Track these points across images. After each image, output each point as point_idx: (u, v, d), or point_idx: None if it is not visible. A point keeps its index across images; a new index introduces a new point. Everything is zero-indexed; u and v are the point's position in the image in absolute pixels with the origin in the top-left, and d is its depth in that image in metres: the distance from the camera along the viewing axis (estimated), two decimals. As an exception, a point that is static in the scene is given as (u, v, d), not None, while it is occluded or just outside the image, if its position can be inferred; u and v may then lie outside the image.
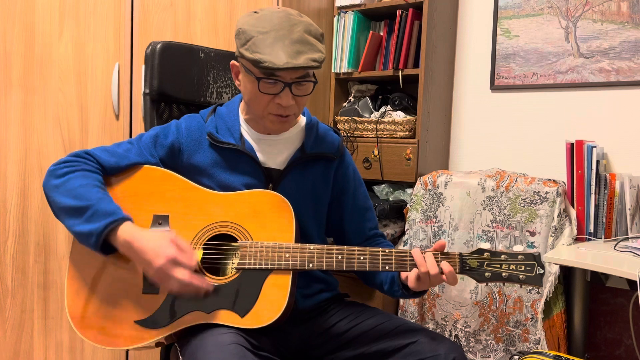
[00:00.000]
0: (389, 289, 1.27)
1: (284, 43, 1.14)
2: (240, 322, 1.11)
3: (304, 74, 1.18)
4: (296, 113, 1.24)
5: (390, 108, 2.31)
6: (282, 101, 1.18)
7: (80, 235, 1.13)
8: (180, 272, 1.07)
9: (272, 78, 1.16)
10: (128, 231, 1.11)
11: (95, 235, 1.10)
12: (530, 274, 1.12)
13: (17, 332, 2.10)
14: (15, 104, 2.06)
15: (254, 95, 1.20)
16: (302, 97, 1.21)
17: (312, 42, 1.17)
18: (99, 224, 1.10)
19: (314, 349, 1.27)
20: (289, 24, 1.16)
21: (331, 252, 1.16)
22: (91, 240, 1.11)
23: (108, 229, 1.10)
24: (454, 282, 1.13)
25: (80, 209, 1.12)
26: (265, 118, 1.23)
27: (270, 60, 1.12)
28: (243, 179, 1.26)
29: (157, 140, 1.28)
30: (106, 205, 1.13)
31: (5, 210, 2.07)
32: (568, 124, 2.16)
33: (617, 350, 2.08)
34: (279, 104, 1.18)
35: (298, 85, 1.19)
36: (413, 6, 2.25)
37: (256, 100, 1.21)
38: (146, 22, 2.09)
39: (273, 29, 1.15)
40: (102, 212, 1.11)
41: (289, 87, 1.17)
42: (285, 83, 1.16)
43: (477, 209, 1.97)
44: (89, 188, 1.15)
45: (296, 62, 1.13)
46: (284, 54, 1.13)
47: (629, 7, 2.02)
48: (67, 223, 1.15)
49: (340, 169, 1.37)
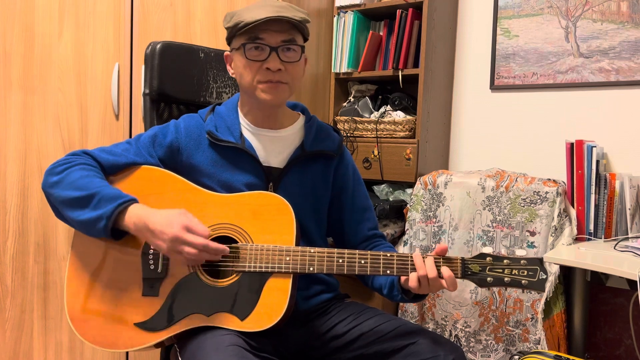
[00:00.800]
0: (388, 293, 1.27)
1: (265, 8, 1.18)
2: (240, 325, 1.11)
3: (289, 38, 1.20)
4: (288, 82, 1.23)
5: (390, 108, 2.31)
6: (270, 64, 1.19)
7: (88, 222, 1.12)
8: (195, 237, 1.07)
9: (256, 42, 1.18)
10: (138, 209, 1.12)
11: (105, 218, 1.10)
12: (532, 279, 1.10)
13: (16, 332, 2.10)
14: (15, 104, 2.06)
15: (243, 67, 1.22)
16: (292, 64, 1.22)
17: (295, 8, 1.21)
18: (108, 207, 1.11)
19: (313, 350, 1.27)
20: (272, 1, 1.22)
21: (332, 255, 1.15)
22: (100, 224, 1.11)
23: (118, 210, 1.11)
24: (453, 287, 1.11)
25: (86, 197, 1.12)
26: (257, 89, 1.22)
27: (250, 16, 1.16)
28: (243, 177, 1.26)
29: (156, 140, 1.27)
30: (111, 190, 1.14)
31: (5, 210, 2.07)
32: (568, 124, 2.16)
33: (617, 350, 2.08)
34: (268, 69, 1.19)
35: (284, 51, 1.20)
36: (413, 6, 2.24)
37: (245, 71, 1.22)
38: (146, 22, 2.09)
39: (257, 3, 1.22)
40: (109, 197, 1.12)
41: (276, 52, 1.18)
42: (270, 47, 1.18)
43: (477, 209, 1.97)
44: (90, 178, 1.16)
45: (276, 14, 1.16)
46: (264, 12, 1.16)
47: (629, 6, 2.01)
48: (72, 215, 1.14)
49: (340, 167, 1.36)
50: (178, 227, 1.07)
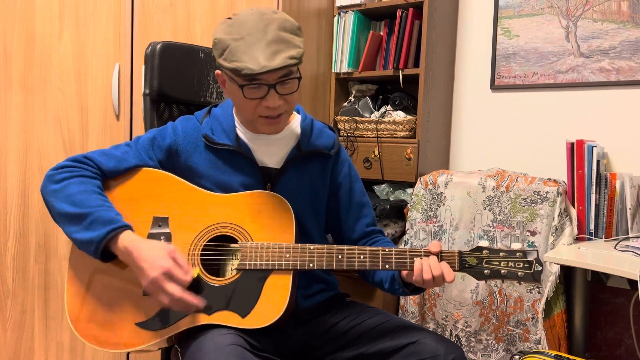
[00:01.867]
0: (389, 287, 1.28)
1: (259, 47, 1.12)
2: (241, 322, 1.11)
3: (286, 72, 1.17)
4: (287, 111, 1.23)
5: (391, 108, 2.31)
6: (269, 103, 1.17)
7: (80, 243, 1.13)
8: (172, 287, 1.07)
9: (254, 83, 1.15)
10: (128, 239, 1.11)
11: (95, 243, 1.10)
12: (528, 271, 1.13)
13: (17, 332, 2.10)
14: (16, 105, 2.06)
15: (241, 101, 1.20)
16: (290, 95, 1.20)
17: (288, 39, 1.15)
18: (99, 232, 1.10)
19: (314, 349, 1.27)
20: (263, 25, 1.15)
21: (331, 251, 1.16)
22: (91, 248, 1.11)
23: (108, 237, 1.10)
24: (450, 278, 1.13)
25: (79, 215, 1.12)
26: (257, 121, 1.22)
27: (248, 66, 1.11)
28: (241, 179, 1.26)
29: (155, 143, 1.28)
30: (106, 212, 1.13)
31: (5, 210, 2.08)
32: (568, 124, 2.16)
33: (618, 350, 2.08)
34: (267, 107, 1.18)
35: (282, 85, 1.17)
36: (413, 6, 2.24)
37: (244, 105, 1.20)
38: (146, 22, 2.09)
39: (247, 33, 1.14)
40: (102, 220, 1.11)
41: (274, 88, 1.16)
42: (268, 85, 1.15)
43: (478, 208, 1.97)
44: (88, 194, 1.15)
45: (274, 64, 1.11)
46: (261, 57, 1.11)
47: (629, 6, 2.01)
48: (66, 229, 1.15)
49: (337, 164, 1.37)
50: (159, 271, 1.07)
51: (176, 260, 1.09)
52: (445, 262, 1.14)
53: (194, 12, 2.10)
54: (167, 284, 1.07)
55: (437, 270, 1.12)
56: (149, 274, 1.07)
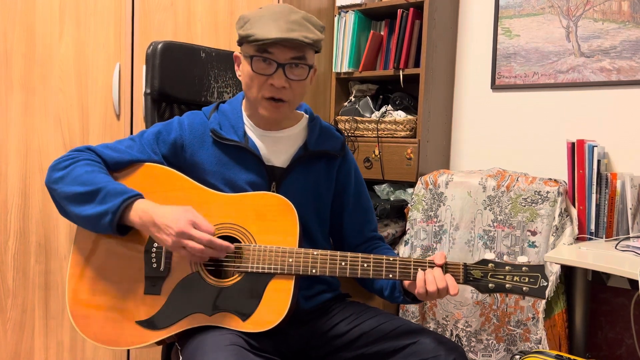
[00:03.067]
0: (389, 295, 1.27)
1: (278, 22, 1.15)
2: (242, 325, 1.11)
3: (298, 55, 1.17)
4: (290, 101, 1.22)
5: (391, 108, 2.31)
6: (274, 81, 1.17)
7: (93, 218, 1.12)
8: (200, 233, 1.08)
9: (264, 55, 1.16)
10: (144, 204, 1.13)
11: (111, 213, 1.10)
12: (533, 286, 1.11)
13: (18, 332, 2.10)
14: (16, 104, 2.06)
15: (249, 77, 1.20)
16: (297, 82, 1.20)
17: (308, 26, 1.18)
18: (114, 202, 1.11)
19: (314, 349, 1.27)
20: (289, 11, 1.18)
21: (334, 258, 1.15)
22: (106, 219, 1.11)
23: (124, 204, 1.11)
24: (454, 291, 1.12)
25: (91, 192, 1.12)
26: (259, 103, 1.22)
27: (261, 32, 1.13)
28: (246, 176, 1.25)
29: (160, 137, 1.27)
30: (117, 185, 1.14)
31: (6, 210, 2.08)
32: (569, 124, 2.15)
33: (619, 350, 2.08)
34: (272, 85, 1.18)
35: (292, 68, 1.18)
36: (414, 6, 2.24)
37: (251, 83, 1.21)
38: (147, 22, 2.09)
39: (272, 11, 1.18)
40: (115, 192, 1.12)
41: (283, 68, 1.17)
42: (278, 63, 1.16)
43: (478, 208, 1.97)
44: (95, 174, 1.15)
45: (287, 35, 1.13)
46: (276, 29, 1.14)
47: (630, 6, 2.01)
48: (76, 210, 1.14)
49: (343, 167, 1.36)
50: (184, 221, 1.08)
51: (196, 214, 1.11)
52: (450, 275, 1.12)
53: (194, 11, 2.10)
54: (194, 231, 1.08)
55: (442, 283, 1.11)
56: (173, 226, 1.07)
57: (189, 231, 1.07)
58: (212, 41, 2.09)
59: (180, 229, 1.07)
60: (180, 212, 1.10)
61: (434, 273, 1.12)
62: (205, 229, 1.09)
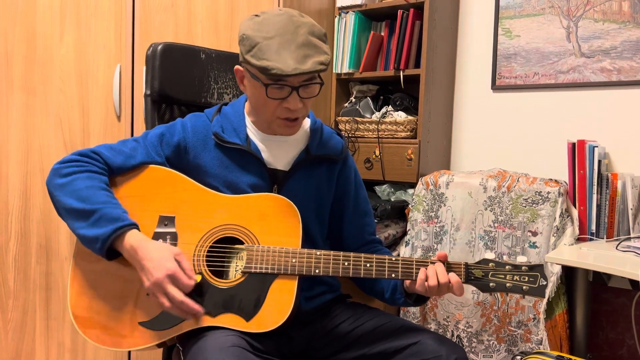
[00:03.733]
0: (390, 297, 1.27)
1: (290, 49, 1.13)
2: (245, 326, 1.11)
3: (310, 77, 1.18)
4: (304, 115, 1.24)
5: (392, 108, 2.31)
6: (290, 105, 1.18)
7: (85, 239, 1.13)
8: (174, 290, 1.07)
9: (279, 83, 1.16)
10: (135, 238, 1.11)
11: (101, 240, 1.10)
12: (533, 285, 1.14)
13: (19, 333, 2.10)
14: (17, 105, 2.06)
15: (261, 100, 1.20)
16: (309, 99, 1.22)
17: (317, 45, 1.17)
18: (105, 229, 1.10)
19: (316, 350, 1.27)
20: (293, 27, 1.15)
21: (337, 258, 1.16)
22: (96, 245, 1.11)
23: (114, 235, 1.10)
24: (460, 292, 1.14)
25: (86, 212, 1.12)
26: (274, 122, 1.23)
27: (279, 67, 1.12)
28: (248, 179, 1.26)
29: (163, 139, 1.27)
30: (112, 210, 1.13)
31: (7, 211, 2.08)
32: (569, 124, 2.15)
33: (620, 350, 2.08)
34: (287, 108, 1.18)
35: (305, 88, 1.18)
36: (414, 6, 2.24)
37: (264, 105, 1.21)
38: (147, 23, 2.09)
39: (277, 33, 1.14)
40: (109, 218, 1.11)
41: (297, 91, 1.17)
42: (292, 87, 1.16)
43: (479, 209, 1.97)
44: (95, 190, 1.15)
45: (304, 68, 1.12)
46: (291, 60, 1.12)
47: (630, 6, 2.01)
48: (71, 225, 1.14)
49: (343, 171, 1.37)
50: (163, 273, 1.07)
51: (181, 264, 1.10)
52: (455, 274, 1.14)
53: (195, 12, 2.10)
54: (169, 286, 1.07)
55: (444, 278, 1.12)
56: (153, 274, 1.07)
57: (164, 285, 1.07)
58: (212, 42, 2.10)
59: (158, 279, 1.07)
60: (164, 260, 1.08)
61: (435, 268, 1.13)
62: (184, 284, 1.08)
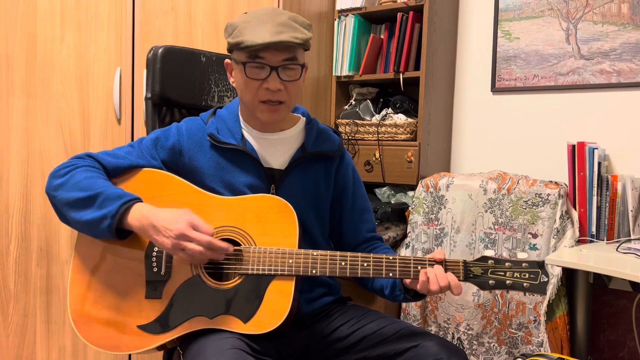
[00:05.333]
0: (390, 294, 1.27)
1: (266, 26, 1.17)
2: (243, 327, 1.11)
3: (289, 57, 1.19)
4: (287, 102, 1.24)
5: (392, 111, 2.32)
6: (270, 85, 1.19)
7: (93, 222, 1.13)
8: (199, 235, 1.08)
9: (257, 61, 1.18)
10: (143, 207, 1.13)
11: (109, 217, 1.11)
12: (534, 282, 1.11)
13: (19, 336, 2.10)
14: (17, 109, 2.07)
15: (243, 83, 1.22)
16: (291, 82, 1.22)
17: (296, 26, 1.20)
18: (113, 206, 1.11)
19: (316, 353, 1.27)
20: (274, 14, 1.20)
21: (334, 258, 1.16)
22: (105, 223, 1.11)
23: (123, 208, 1.11)
24: (457, 291, 1.13)
25: (90, 197, 1.13)
26: (256, 108, 1.23)
27: (252, 39, 1.15)
28: (245, 179, 1.26)
29: (158, 143, 1.28)
30: (115, 189, 1.15)
31: (7, 215, 2.08)
32: (569, 126, 2.16)
33: (621, 352, 2.07)
34: (268, 89, 1.19)
35: (285, 70, 1.20)
36: (413, 9, 2.25)
37: (246, 89, 1.22)
38: (147, 26, 2.10)
39: (258, 17, 1.19)
40: (113, 196, 1.13)
41: (276, 71, 1.18)
42: (271, 66, 1.18)
43: (479, 211, 1.97)
44: (94, 180, 1.16)
45: (277, 38, 1.15)
46: (265, 33, 1.15)
47: (630, 8, 2.02)
48: (76, 216, 1.15)
49: (340, 168, 1.37)
50: (184, 223, 1.08)
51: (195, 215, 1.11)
52: (452, 274, 1.13)
53: (195, 16, 2.11)
54: (193, 232, 1.07)
55: (444, 281, 1.11)
56: (172, 229, 1.07)
57: (188, 233, 1.07)
58: (212, 45, 2.10)
59: (180, 230, 1.07)
60: (179, 215, 1.10)
61: (435, 272, 1.12)
62: (204, 231, 1.09)
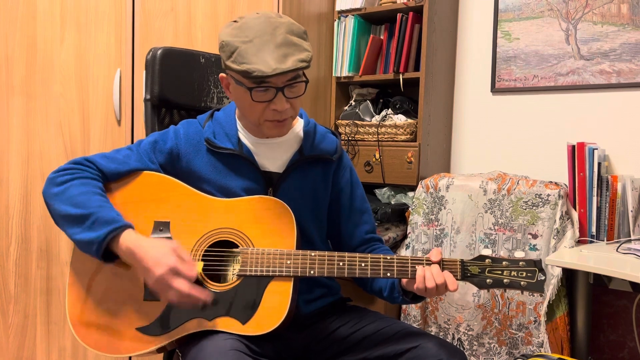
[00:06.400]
0: (388, 295, 1.27)
1: (269, 49, 1.13)
2: (241, 329, 1.11)
3: (294, 76, 1.17)
4: (292, 115, 1.23)
5: (391, 111, 2.32)
6: (277, 106, 1.17)
7: (82, 244, 1.13)
8: (179, 283, 1.06)
9: (263, 85, 1.15)
10: (130, 239, 1.11)
11: (97, 243, 1.10)
12: (531, 280, 1.12)
13: (20, 337, 2.10)
14: (17, 110, 2.07)
15: (248, 105, 1.20)
16: (296, 98, 1.21)
17: (297, 42, 1.16)
18: (101, 232, 1.10)
19: (315, 354, 1.27)
20: (271, 28, 1.15)
21: (332, 258, 1.16)
22: (92, 248, 1.11)
23: (110, 236, 1.10)
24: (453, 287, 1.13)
25: (81, 217, 1.12)
26: (262, 125, 1.22)
27: (259, 68, 1.11)
28: (242, 183, 1.26)
29: (156, 146, 1.28)
30: (107, 212, 1.13)
31: (7, 216, 2.08)
32: (569, 126, 2.16)
33: (621, 353, 2.07)
34: (275, 110, 1.18)
35: (290, 88, 1.18)
36: (413, 10, 2.25)
37: (251, 109, 1.20)
38: (147, 28, 2.10)
39: (256, 35, 1.14)
40: (104, 220, 1.12)
41: (282, 91, 1.16)
42: (277, 88, 1.16)
43: (479, 212, 1.97)
44: (89, 195, 1.15)
45: (285, 67, 1.12)
46: (271, 60, 1.12)
47: (629, 8, 2.02)
48: (68, 231, 1.15)
49: (339, 169, 1.36)
50: (165, 268, 1.06)
51: (180, 257, 1.09)
52: (448, 271, 1.13)
53: (194, 17, 2.11)
54: (174, 280, 1.06)
55: (440, 279, 1.11)
56: (154, 272, 1.06)
57: (168, 280, 1.06)
58: (212, 47, 2.10)
59: (161, 275, 1.06)
60: (163, 256, 1.08)
61: (431, 270, 1.13)
62: (187, 275, 1.07)
